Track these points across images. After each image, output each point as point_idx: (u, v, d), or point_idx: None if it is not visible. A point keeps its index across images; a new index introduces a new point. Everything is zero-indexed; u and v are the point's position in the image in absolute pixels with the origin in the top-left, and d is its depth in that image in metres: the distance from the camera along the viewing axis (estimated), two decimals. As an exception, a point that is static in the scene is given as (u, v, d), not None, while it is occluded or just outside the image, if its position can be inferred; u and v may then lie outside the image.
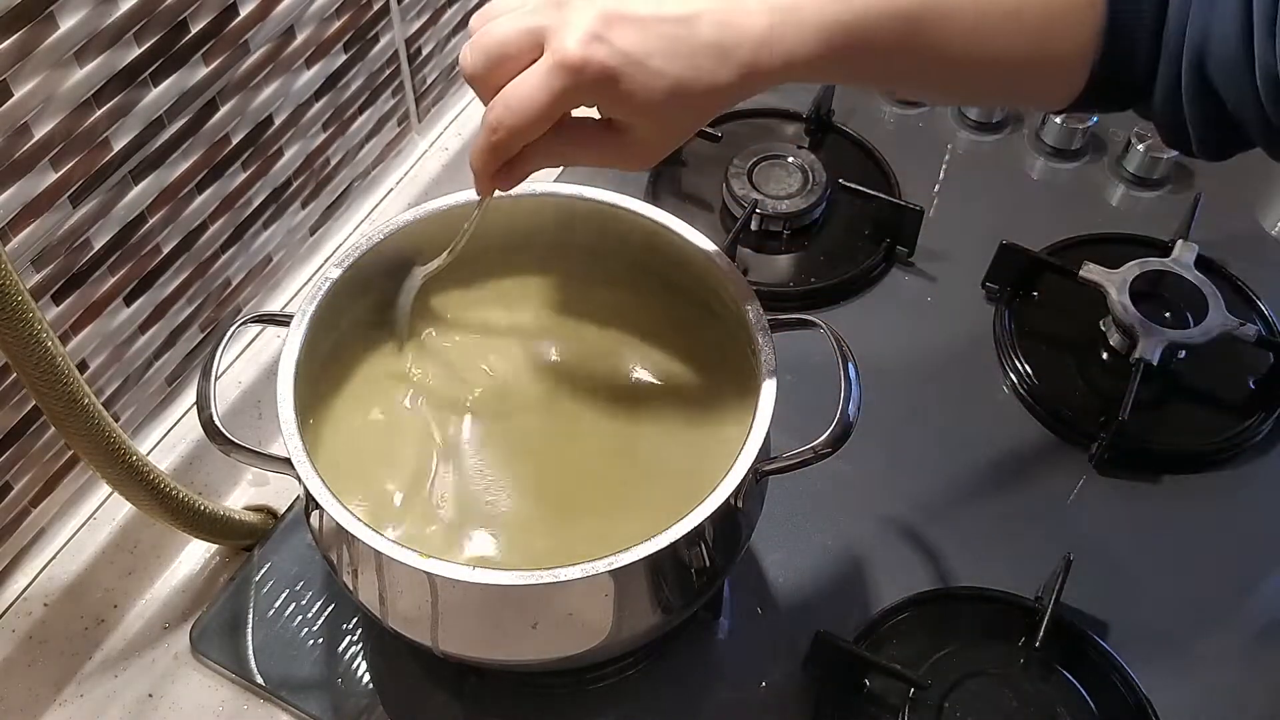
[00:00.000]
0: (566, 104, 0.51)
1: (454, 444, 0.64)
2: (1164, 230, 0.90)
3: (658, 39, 0.50)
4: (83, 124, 0.59)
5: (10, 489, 0.64)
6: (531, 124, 0.51)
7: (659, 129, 0.53)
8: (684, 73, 0.51)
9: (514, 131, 0.51)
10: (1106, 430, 0.77)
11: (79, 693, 0.69)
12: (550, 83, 0.50)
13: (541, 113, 0.51)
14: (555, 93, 0.50)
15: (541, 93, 0.50)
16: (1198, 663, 0.71)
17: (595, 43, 0.49)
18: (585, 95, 0.51)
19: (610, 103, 0.51)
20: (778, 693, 0.68)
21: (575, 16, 0.50)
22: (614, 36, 0.50)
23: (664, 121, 0.53)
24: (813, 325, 0.62)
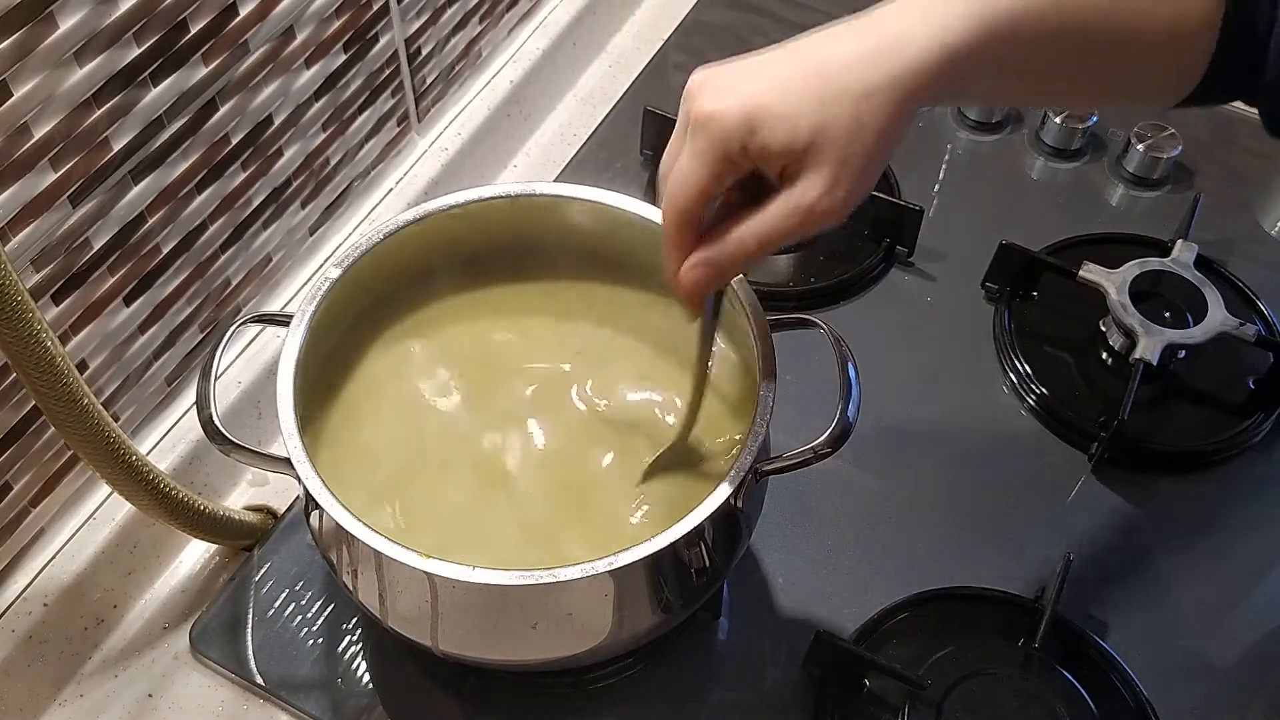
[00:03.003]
0: (712, 162, 0.49)
1: (454, 444, 0.64)
2: (1164, 230, 0.90)
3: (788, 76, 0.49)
4: (82, 124, 0.59)
5: (10, 489, 0.64)
6: (688, 199, 0.50)
7: (825, 156, 0.49)
8: (826, 93, 0.48)
9: (674, 214, 0.51)
10: (1106, 430, 0.77)
11: (79, 693, 0.69)
12: (694, 147, 0.49)
13: (695, 181, 0.50)
14: (699, 153, 0.49)
15: (689, 162, 0.50)
16: (1198, 663, 0.71)
17: (726, 94, 0.49)
18: (732, 144, 0.49)
19: (760, 142, 0.49)
20: (778, 693, 0.68)
21: (698, 90, 0.50)
22: (740, 84, 0.49)
23: (827, 146, 0.49)
24: (813, 325, 0.62)
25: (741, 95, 0.49)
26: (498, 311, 0.69)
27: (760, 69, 0.50)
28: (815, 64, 0.49)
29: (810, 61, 0.50)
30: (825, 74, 0.49)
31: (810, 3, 1.07)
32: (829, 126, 0.48)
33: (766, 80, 0.49)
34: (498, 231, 0.68)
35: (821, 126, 0.48)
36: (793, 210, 0.50)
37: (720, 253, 0.52)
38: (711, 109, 0.49)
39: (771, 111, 0.48)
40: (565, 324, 0.69)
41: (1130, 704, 0.67)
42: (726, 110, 0.48)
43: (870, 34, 0.50)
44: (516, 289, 0.70)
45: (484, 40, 0.93)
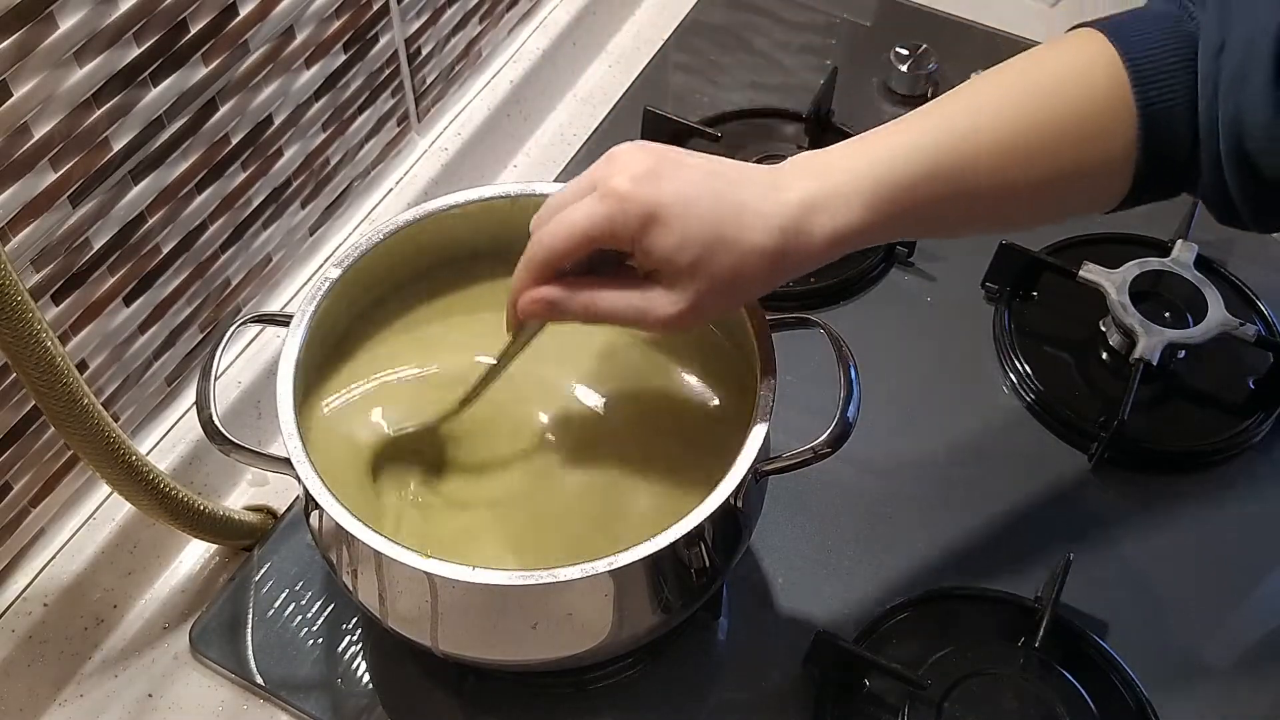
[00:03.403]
0: (606, 230, 0.52)
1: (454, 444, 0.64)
2: (1163, 230, 0.90)
3: (706, 189, 0.52)
4: (82, 124, 0.59)
5: (10, 489, 0.64)
6: (570, 241, 0.52)
7: (695, 281, 0.52)
8: (725, 225, 0.52)
9: (550, 248, 0.53)
10: (1106, 430, 0.77)
11: (79, 693, 0.69)
12: (594, 208, 0.52)
13: (580, 231, 0.52)
14: (596, 216, 0.52)
15: (583, 217, 0.52)
16: (1198, 663, 0.71)
17: (645, 180, 0.51)
18: (625, 226, 0.51)
19: (650, 240, 0.51)
20: (778, 693, 0.68)
21: (630, 159, 0.52)
22: (664, 178, 0.52)
23: (700, 273, 0.52)
24: (813, 325, 0.63)
25: (655, 193, 0.51)
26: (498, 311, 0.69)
27: (684, 175, 0.52)
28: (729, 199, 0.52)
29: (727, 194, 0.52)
30: (731, 214, 0.52)
31: (810, 3, 1.07)
32: (709, 265, 0.52)
33: (683, 190, 0.51)
34: (498, 231, 0.68)
35: (703, 262, 0.52)
36: (639, 311, 0.54)
37: (566, 302, 0.54)
38: (625, 190, 0.51)
39: (670, 223, 0.51)
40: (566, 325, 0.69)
41: (1130, 704, 0.67)
42: (635, 198, 0.51)
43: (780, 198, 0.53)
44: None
45: (484, 40, 0.93)
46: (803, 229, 0.52)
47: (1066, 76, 0.54)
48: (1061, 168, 0.54)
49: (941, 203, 0.54)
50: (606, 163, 0.53)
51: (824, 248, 0.53)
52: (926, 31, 1.03)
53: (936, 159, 0.53)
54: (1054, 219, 0.66)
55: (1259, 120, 0.50)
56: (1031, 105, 0.54)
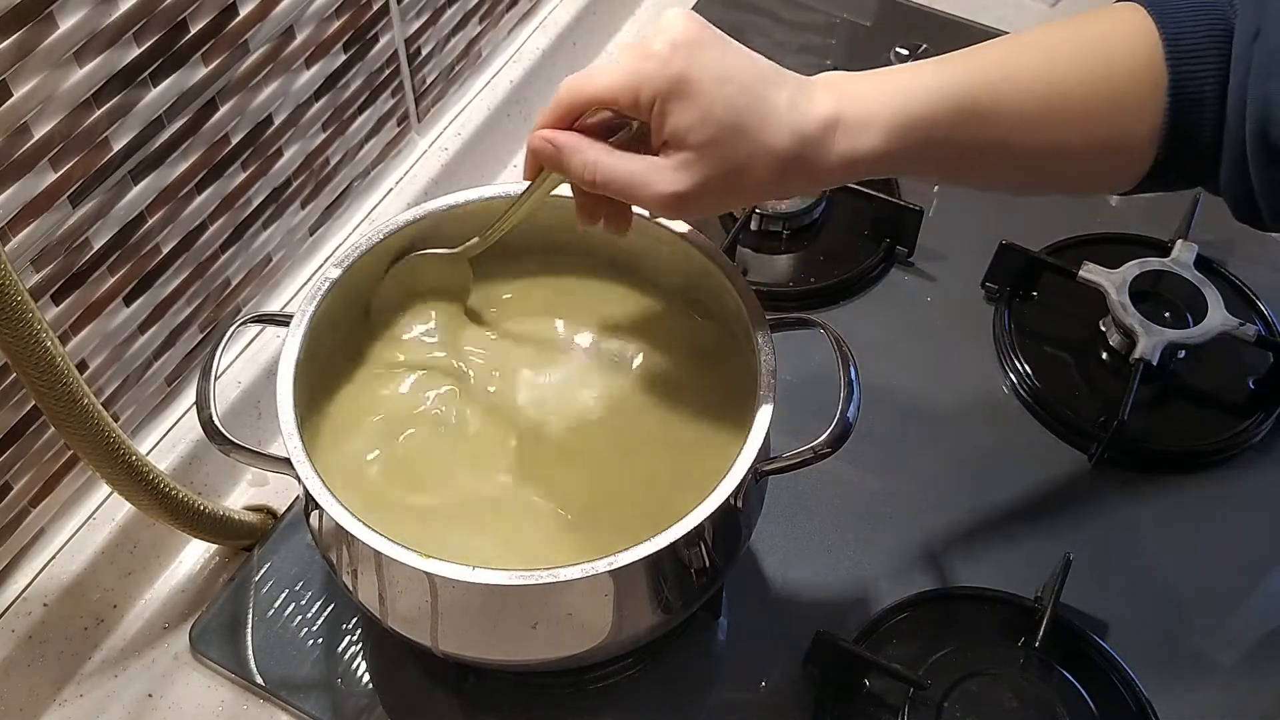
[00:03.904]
0: (633, 85, 0.51)
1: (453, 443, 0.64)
2: (1163, 230, 0.90)
3: (740, 78, 0.51)
4: (82, 124, 0.59)
5: (10, 489, 0.64)
6: (593, 89, 0.52)
7: (704, 163, 0.52)
8: (749, 116, 0.51)
9: (575, 89, 0.53)
10: (1106, 430, 0.77)
11: (79, 693, 0.69)
12: (628, 64, 0.51)
13: (607, 81, 0.52)
14: (629, 71, 0.51)
15: (615, 72, 0.51)
16: (1198, 663, 0.71)
17: (683, 48, 0.51)
18: (651, 89, 0.51)
19: (670, 108, 0.51)
20: (778, 693, 0.68)
21: (669, 28, 0.51)
22: (703, 50, 0.51)
23: (712, 154, 0.51)
24: (813, 325, 0.63)
25: (689, 63, 0.50)
26: (498, 311, 0.69)
27: (724, 54, 0.52)
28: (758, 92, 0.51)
29: (757, 87, 0.52)
30: (756, 106, 0.51)
31: (810, 3, 1.07)
32: (721, 150, 0.51)
33: (717, 69, 0.51)
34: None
35: (716, 145, 0.51)
36: (640, 181, 0.53)
37: (571, 151, 0.54)
38: (661, 53, 0.50)
39: (694, 98, 0.50)
40: (566, 323, 0.69)
41: (1130, 704, 0.67)
42: (670, 62, 0.50)
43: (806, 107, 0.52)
44: (517, 289, 0.70)
45: (484, 40, 0.93)
46: (820, 144, 0.52)
47: (1104, 43, 0.54)
48: (1087, 133, 0.54)
49: (960, 146, 0.54)
50: (654, 26, 0.52)
51: (837, 167, 0.53)
52: (926, 31, 1.03)
53: (962, 100, 0.53)
54: (1068, 187, 0.64)
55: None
56: (1066, 65, 0.54)
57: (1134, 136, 0.54)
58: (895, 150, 0.53)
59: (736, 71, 0.51)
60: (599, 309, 0.69)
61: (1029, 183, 0.60)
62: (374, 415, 0.65)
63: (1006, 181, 0.60)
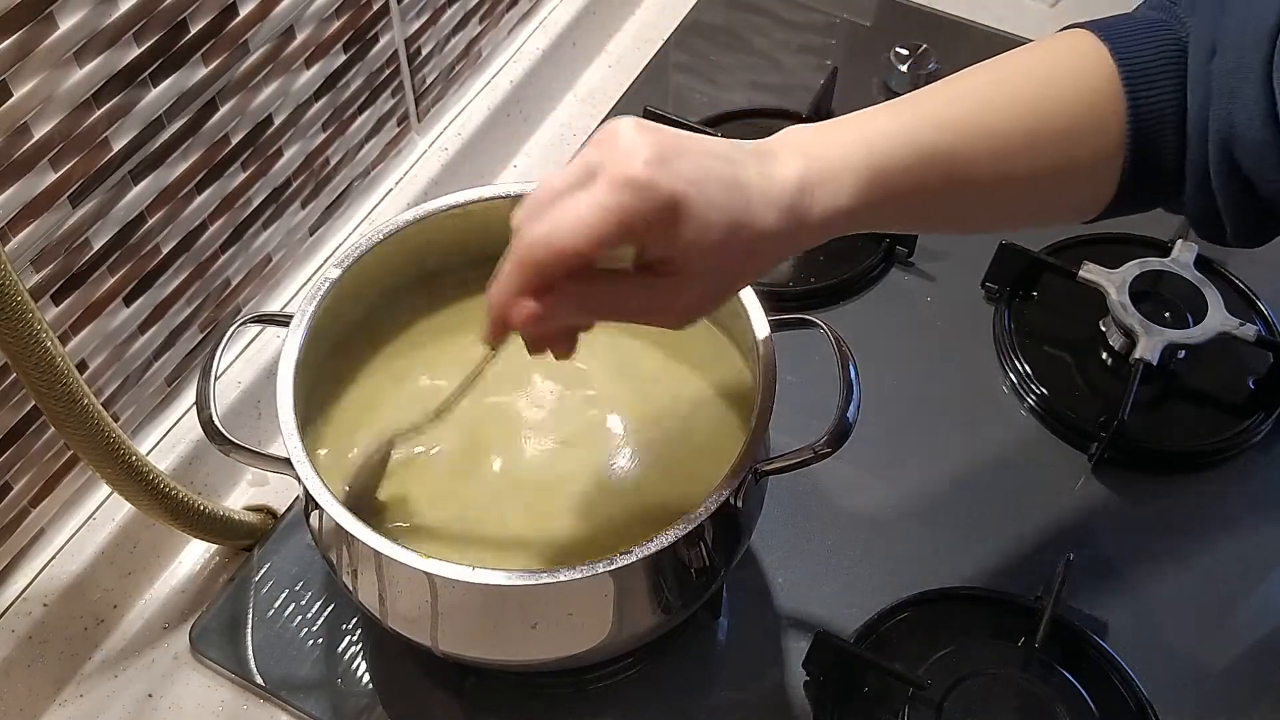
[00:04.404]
0: (624, 223, 0.45)
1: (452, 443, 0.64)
2: (1163, 230, 0.90)
3: (713, 173, 0.47)
4: (82, 124, 0.59)
5: (10, 489, 0.64)
6: (579, 245, 0.44)
7: (709, 270, 0.48)
8: (736, 208, 0.47)
9: (556, 252, 0.45)
10: (1106, 430, 0.77)
11: (79, 693, 0.69)
12: (613, 199, 0.44)
13: (596, 231, 0.44)
14: (616, 210, 0.44)
15: (601, 210, 0.44)
16: (1198, 663, 0.71)
17: (659, 166, 0.45)
18: (646, 217, 0.45)
19: (672, 230, 0.46)
20: (778, 693, 0.68)
21: (631, 146, 0.45)
22: (676, 163, 0.46)
23: (717, 260, 0.48)
24: (813, 325, 0.63)
25: (674, 180, 0.45)
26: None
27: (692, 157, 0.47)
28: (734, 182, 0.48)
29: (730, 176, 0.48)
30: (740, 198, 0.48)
31: (810, 3, 1.07)
32: (725, 252, 0.48)
33: (696, 175, 0.46)
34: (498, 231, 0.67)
35: (721, 249, 0.47)
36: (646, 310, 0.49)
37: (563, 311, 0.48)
38: (646, 178, 0.45)
39: (692, 212, 0.46)
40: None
41: (1130, 704, 0.67)
42: (658, 186, 0.45)
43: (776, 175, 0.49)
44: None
45: (484, 40, 0.93)
46: (800, 209, 0.50)
47: (1059, 72, 0.54)
48: (1052, 163, 0.54)
49: (931, 190, 0.53)
50: (606, 145, 0.46)
51: (816, 229, 0.50)
52: (926, 31, 1.03)
53: (923, 145, 0.52)
54: (1040, 221, 0.65)
55: (1253, 138, 0.49)
56: (1025, 98, 0.53)
57: (1097, 164, 0.54)
58: (869, 204, 0.51)
59: (709, 170, 0.47)
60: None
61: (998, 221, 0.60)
62: (374, 415, 0.65)
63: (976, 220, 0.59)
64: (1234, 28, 0.51)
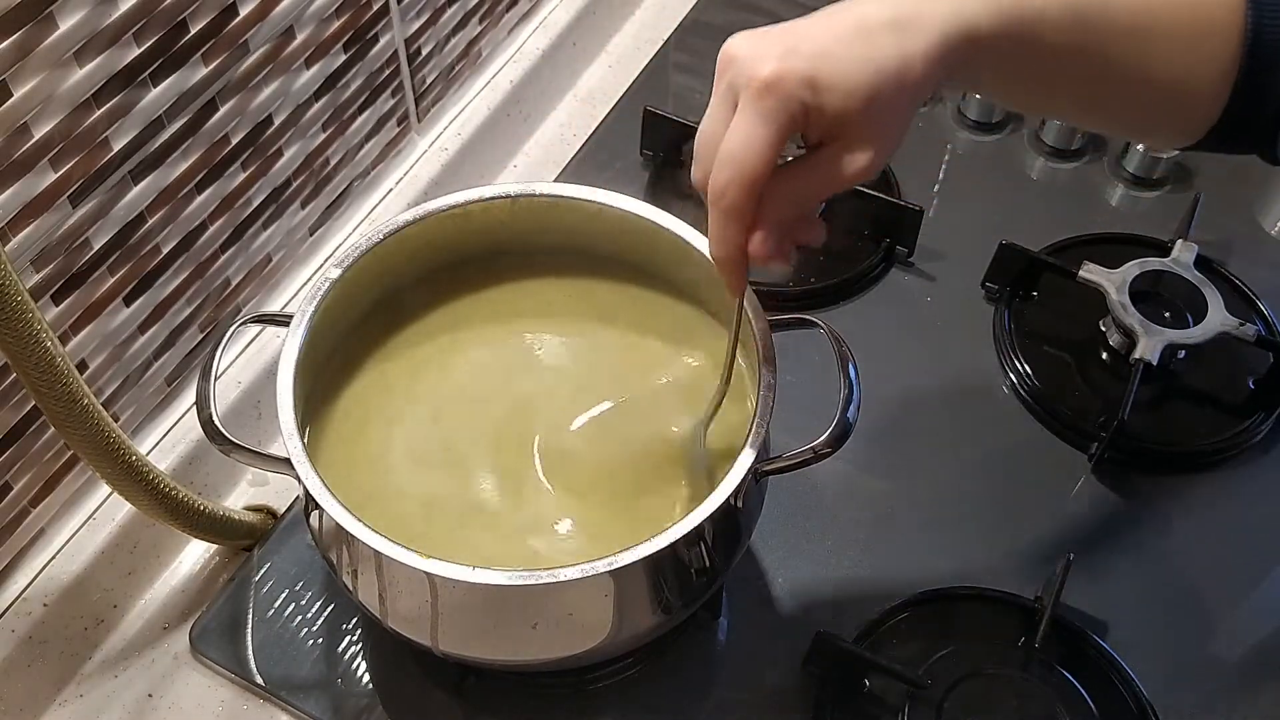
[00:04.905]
0: (781, 123, 0.48)
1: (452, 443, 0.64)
2: (1163, 230, 0.90)
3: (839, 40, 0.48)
4: (82, 124, 0.59)
5: (10, 489, 0.64)
6: (758, 163, 0.48)
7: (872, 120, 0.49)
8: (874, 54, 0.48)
9: (743, 181, 0.48)
10: (1106, 430, 0.77)
11: (79, 693, 0.69)
12: (758, 110, 0.48)
13: (763, 144, 0.48)
14: (766, 115, 0.47)
15: (753, 125, 0.48)
16: (1198, 663, 0.71)
17: (783, 59, 0.47)
18: (797, 105, 0.47)
19: (820, 104, 0.48)
20: (778, 693, 0.68)
21: (751, 54, 0.48)
22: (796, 47, 0.48)
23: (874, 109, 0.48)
24: (813, 325, 0.62)
25: (802, 56, 0.47)
26: (499, 311, 0.69)
27: (804, 33, 0.49)
28: (853, 26, 0.49)
29: (847, 23, 0.49)
30: (866, 38, 0.48)
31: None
32: (879, 94, 0.48)
33: (818, 43, 0.48)
34: (498, 231, 0.68)
35: (874, 94, 0.48)
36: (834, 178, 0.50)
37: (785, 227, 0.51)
38: (776, 70, 0.47)
39: (832, 74, 0.47)
40: (567, 322, 0.69)
41: (1130, 704, 0.67)
42: (791, 71, 0.47)
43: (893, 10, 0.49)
44: (517, 289, 0.70)
45: (484, 40, 0.93)
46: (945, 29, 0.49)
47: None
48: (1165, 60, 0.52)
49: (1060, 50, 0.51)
50: (733, 65, 0.49)
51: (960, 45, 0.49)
52: (926, 31, 1.03)
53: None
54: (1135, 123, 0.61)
55: None
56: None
57: (1207, 75, 0.52)
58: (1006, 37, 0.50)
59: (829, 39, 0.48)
60: (601, 309, 0.69)
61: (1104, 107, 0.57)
62: (375, 415, 0.65)
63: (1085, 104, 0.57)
64: None
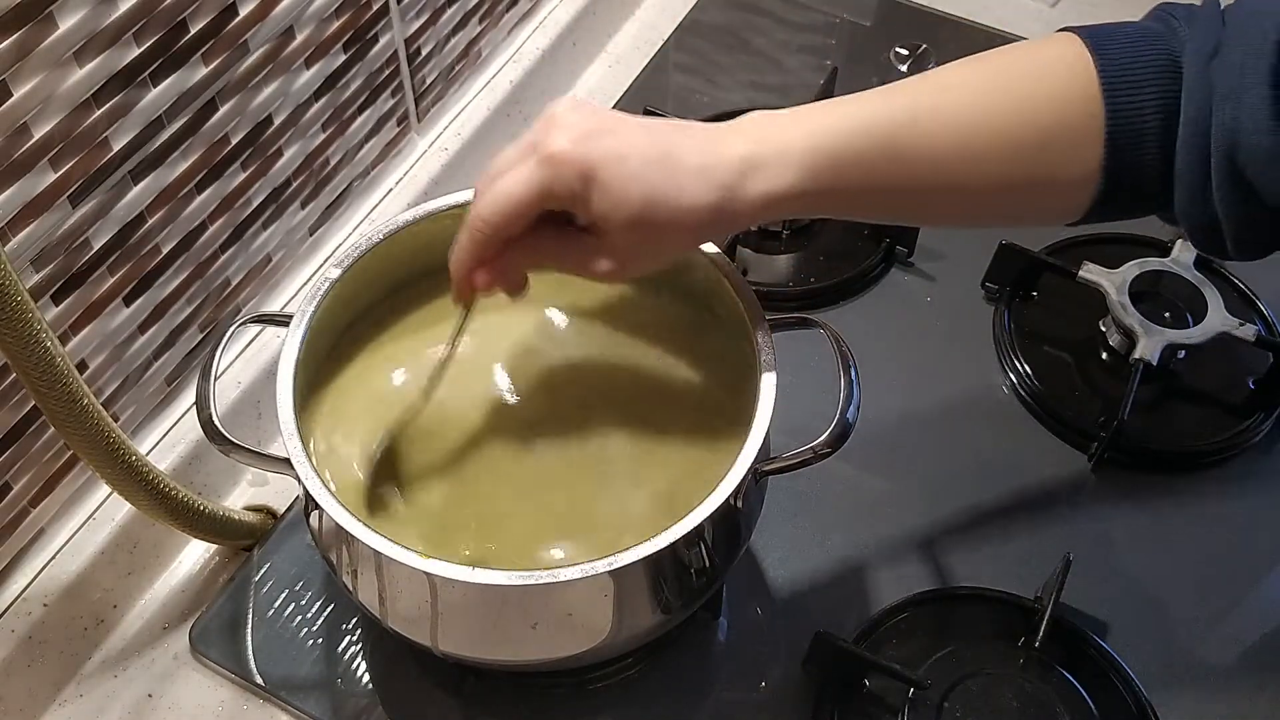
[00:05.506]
0: (546, 196, 0.52)
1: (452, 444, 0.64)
2: (1163, 230, 0.90)
3: (642, 147, 0.52)
4: (82, 124, 0.59)
5: (10, 489, 0.64)
6: (512, 215, 0.53)
7: (631, 236, 0.53)
8: (661, 182, 0.52)
9: (493, 224, 0.53)
10: (1106, 430, 0.77)
11: (79, 693, 0.69)
12: (533, 175, 0.52)
13: (522, 202, 0.52)
14: (535, 183, 0.52)
15: (523, 185, 0.52)
16: (1198, 663, 0.71)
17: (581, 141, 0.51)
18: (564, 187, 0.52)
19: (586, 198, 0.52)
20: (778, 693, 0.68)
21: (567, 120, 0.52)
22: (599, 139, 0.52)
23: (637, 229, 0.53)
24: (813, 325, 0.63)
25: (599, 148, 0.51)
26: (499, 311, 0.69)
27: (620, 129, 0.53)
28: (665, 158, 0.52)
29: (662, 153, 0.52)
30: (666, 173, 0.52)
31: (810, 3, 1.07)
32: (644, 222, 0.52)
33: (622, 145, 0.52)
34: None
35: (638, 220, 0.52)
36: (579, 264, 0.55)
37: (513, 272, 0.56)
38: (562, 153, 0.51)
39: (607, 183, 0.51)
40: (566, 323, 0.69)
41: (1130, 704, 0.67)
42: (577, 157, 0.51)
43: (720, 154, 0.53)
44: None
45: (484, 40, 0.93)
46: (736, 188, 0.52)
47: (1039, 75, 0.53)
48: (1023, 168, 0.53)
49: (888, 180, 0.53)
50: (545, 124, 0.53)
51: (757, 208, 0.53)
52: (926, 31, 1.03)
53: (881, 135, 0.53)
54: (1010, 220, 0.65)
55: (1259, 143, 0.48)
56: (999, 98, 0.53)
57: (1072, 171, 0.53)
58: (815, 189, 0.53)
59: (636, 146, 0.52)
60: (601, 309, 0.69)
61: (968, 218, 0.60)
62: (374, 415, 0.65)
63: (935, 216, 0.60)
64: (1237, 33, 0.50)
